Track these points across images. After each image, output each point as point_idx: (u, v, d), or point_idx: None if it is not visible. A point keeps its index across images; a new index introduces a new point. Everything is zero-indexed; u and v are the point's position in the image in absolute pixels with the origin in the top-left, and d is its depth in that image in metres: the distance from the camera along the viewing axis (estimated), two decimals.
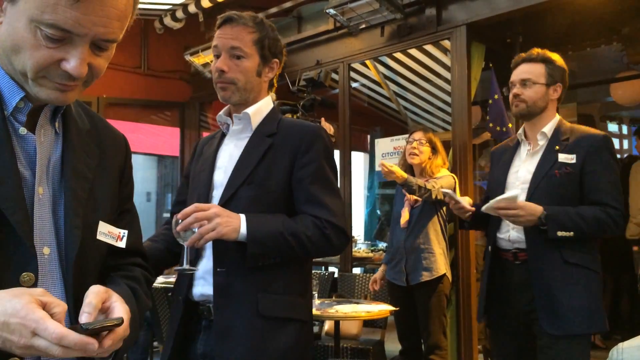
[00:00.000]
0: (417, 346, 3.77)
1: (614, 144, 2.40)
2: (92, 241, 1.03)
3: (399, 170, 3.40)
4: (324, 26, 5.11)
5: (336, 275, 4.94)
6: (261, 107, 1.81)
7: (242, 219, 1.60)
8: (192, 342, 1.72)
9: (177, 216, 1.58)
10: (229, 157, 1.78)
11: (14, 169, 0.93)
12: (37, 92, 0.94)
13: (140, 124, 6.66)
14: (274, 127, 1.78)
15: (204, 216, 1.55)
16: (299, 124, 1.85)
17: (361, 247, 6.80)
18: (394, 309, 3.45)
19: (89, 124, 1.11)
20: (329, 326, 4.16)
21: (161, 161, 7.67)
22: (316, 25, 5.27)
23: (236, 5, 5.04)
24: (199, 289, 1.70)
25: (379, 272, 3.90)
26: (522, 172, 2.46)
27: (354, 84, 6.34)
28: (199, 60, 5.62)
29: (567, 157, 2.34)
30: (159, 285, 4.08)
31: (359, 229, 8.02)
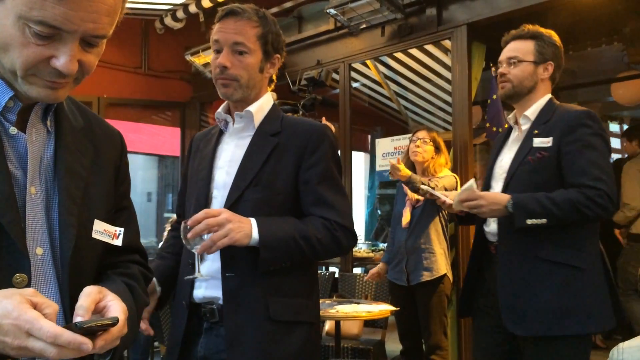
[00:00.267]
0: (418, 346, 3.77)
1: (598, 121, 2.14)
2: (88, 240, 1.02)
3: (403, 167, 3.40)
4: (325, 26, 5.11)
5: (337, 275, 4.94)
6: (263, 104, 1.75)
7: (253, 223, 1.56)
8: (191, 344, 1.67)
9: (188, 223, 1.52)
10: (230, 156, 1.72)
11: (4, 169, 0.92)
12: (27, 91, 0.93)
13: (140, 124, 6.66)
14: (278, 126, 1.73)
15: (215, 222, 1.50)
16: (303, 122, 1.80)
17: (362, 247, 6.79)
18: (394, 309, 3.45)
19: (82, 121, 1.10)
20: (329, 326, 4.16)
21: (162, 161, 7.67)
22: (317, 25, 5.26)
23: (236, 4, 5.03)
24: (202, 291, 1.66)
25: (377, 267, 3.89)
26: (505, 161, 2.28)
27: (355, 84, 6.34)
28: (199, 60, 5.62)
29: (542, 141, 2.13)
30: None
31: (359, 229, 8.02)
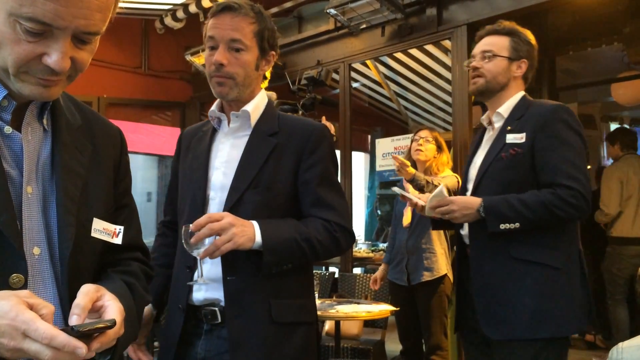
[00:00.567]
0: (418, 346, 3.76)
1: (574, 115, 2.07)
2: (87, 238, 1.02)
3: (408, 165, 3.40)
4: (325, 26, 5.11)
5: (337, 275, 4.94)
6: (258, 103, 1.72)
7: (256, 226, 1.53)
8: (189, 346, 1.65)
9: (191, 228, 1.49)
10: (226, 157, 1.68)
11: None
12: (19, 88, 0.92)
13: (140, 124, 6.65)
14: (275, 126, 1.69)
15: (219, 227, 1.47)
16: (302, 122, 1.78)
17: (362, 247, 6.79)
18: (394, 309, 3.45)
19: (80, 119, 1.09)
20: (329, 326, 4.15)
21: (162, 161, 7.66)
22: (317, 25, 5.27)
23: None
24: (202, 294, 1.63)
25: (379, 271, 3.89)
26: (478, 162, 2.19)
27: (355, 84, 6.34)
28: (199, 60, 5.62)
29: (515, 137, 2.05)
30: None
31: (359, 229, 8.02)
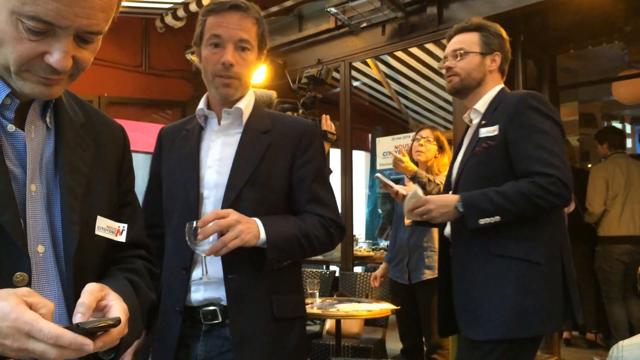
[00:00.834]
0: (419, 345, 3.76)
1: (546, 102, 2.01)
2: (91, 237, 1.02)
3: (408, 161, 3.39)
4: (325, 25, 5.11)
5: (337, 274, 4.94)
6: (249, 100, 1.72)
7: (259, 223, 1.55)
8: (185, 349, 1.64)
9: (198, 224, 1.48)
10: (219, 155, 1.67)
11: (1, 167, 0.91)
12: (21, 87, 0.92)
13: (141, 122, 6.64)
14: (267, 123, 1.71)
15: (226, 224, 1.48)
16: (293, 120, 1.81)
17: (362, 246, 6.79)
18: (395, 307, 3.45)
19: (83, 116, 1.09)
20: (330, 325, 4.15)
21: None
22: (317, 24, 5.26)
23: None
24: (201, 294, 1.62)
25: (380, 269, 3.90)
26: (459, 160, 2.15)
27: (355, 83, 6.34)
28: None
29: (488, 130, 2.00)
30: None
31: (360, 228, 8.01)
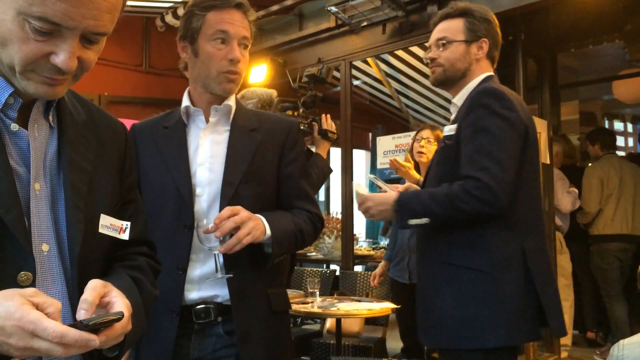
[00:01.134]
0: (419, 344, 3.76)
1: (501, 98, 1.84)
2: (95, 235, 1.02)
3: (413, 169, 3.39)
4: (326, 24, 5.10)
5: (338, 273, 4.94)
6: (234, 98, 1.75)
7: (264, 219, 1.58)
8: (178, 348, 1.63)
9: (215, 222, 1.49)
10: (209, 152, 1.67)
11: (5, 166, 0.91)
12: (25, 87, 0.92)
13: None
14: (254, 121, 1.73)
15: (240, 220, 1.50)
16: (278, 118, 1.85)
17: (362, 245, 6.79)
18: (395, 306, 3.45)
19: (85, 115, 1.09)
20: (330, 324, 4.16)
21: None
22: (317, 22, 5.26)
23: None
24: (196, 293, 1.62)
25: (379, 267, 3.90)
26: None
27: (356, 82, 6.33)
28: None
29: (450, 129, 1.91)
30: None
31: (360, 227, 8.01)
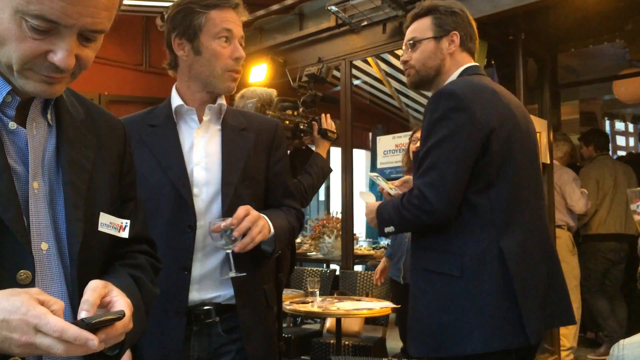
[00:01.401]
0: None
1: (449, 98, 1.76)
2: (94, 233, 1.02)
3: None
4: (326, 23, 5.10)
5: (338, 272, 4.94)
6: (224, 97, 1.76)
7: (267, 218, 1.62)
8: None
9: (233, 222, 1.51)
10: (204, 151, 1.67)
11: (3, 165, 0.91)
12: (23, 85, 0.92)
13: None
14: (243, 121, 1.75)
15: (253, 219, 1.54)
16: (264, 118, 1.92)
17: (362, 245, 6.79)
18: (395, 306, 3.45)
19: (83, 113, 1.09)
20: (330, 323, 4.16)
21: None
22: (318, 22, 5.25)
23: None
24: (196, 295, 1.62)
25: (381, 263, 3.91)
26: None
27: (356, 81, 6.33)
28: None
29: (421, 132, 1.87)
30: None
31: (360, 227, 8.00)
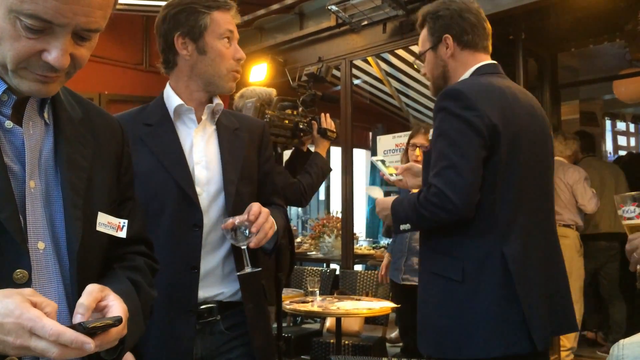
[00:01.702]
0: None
1: (459, 98, 1.75)
2: (93, 233, 1.01)
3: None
4: (326, 23, 5.10)
5: (338, 272, 4.94)
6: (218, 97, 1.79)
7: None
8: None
9: (250, 218, 1.53)
10: (203, 151, 1.68)
11: (0, 163, 0.91)
12: (17, 84, 0.92)
13: None
14: (234, 121, 1.78)
15: (266, 215, 1.58)
16: (251, 119, 1.99)
17: (362, 244, 6.79)
18: (395, 306, 3.45)
19: (81, 112, 1.08)
20: (330, 323, 4.16)
21: None
22: (318, 22, 5.25)
23: (238, 1, 5.02)
24: (200, 293, 1.63)
25: (385, 259, 3.92)
26: None
27: (356, 81, 6.33)
28: None
29: (431, 133, 1.88)
30: None
31: (360, 226, 8.01)
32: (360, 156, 8.60)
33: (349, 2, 4.40)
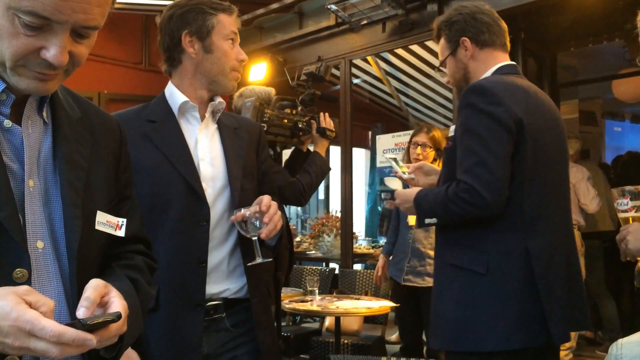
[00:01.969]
0: (418, 342, 3.77)
1: (487, 94, 1.77)
2: (91, 232, 1.01)
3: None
4: (326, 22, 5.10)
5: (337, 271, 4.94)
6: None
7: None
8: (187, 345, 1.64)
9: (262, 209, 1.57)
10: (208, 148, 1.71)
11: None
12: (16, 82, 0.92)
13: None
14: (233, 121, 1.82)
15: (276, 207, 1.61)
16: (248, 119, 2.04)
17: (362, 244, 6.79)
18: (394, 305, 3.45)
19: (79, 111, 1.08)
20: (329, 322, 4.16)
21: None
22: (317, 21, 5.25)
23: (238, 1, 5.01)
24: (209, 289, 1.63)
25: (380, 260, 3.88)
26: None
27: (355, 80, 6.33)
28: None
29: (452, 129, 1.89)
30: None
31: (359, 226, 8.01)
32: (359, 155, 8.61)
33: (349, 2, 4.40)
